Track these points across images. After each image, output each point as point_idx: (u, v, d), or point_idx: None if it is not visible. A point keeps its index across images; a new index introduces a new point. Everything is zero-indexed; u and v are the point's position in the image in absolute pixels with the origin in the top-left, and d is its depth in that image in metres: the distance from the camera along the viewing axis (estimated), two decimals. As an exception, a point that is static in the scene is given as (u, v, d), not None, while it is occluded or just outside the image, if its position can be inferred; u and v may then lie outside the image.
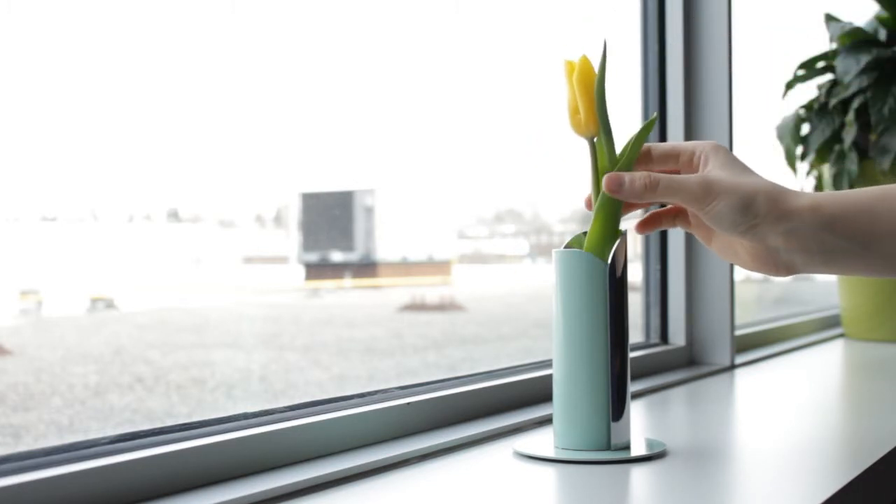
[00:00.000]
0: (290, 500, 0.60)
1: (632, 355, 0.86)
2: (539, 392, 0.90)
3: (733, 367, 1.19)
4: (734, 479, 0.68)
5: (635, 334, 1.21)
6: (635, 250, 1.16)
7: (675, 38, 1.20)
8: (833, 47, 1.52)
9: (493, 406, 0.85)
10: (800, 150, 1.55)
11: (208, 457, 0.61)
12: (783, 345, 1.42)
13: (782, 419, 0.91)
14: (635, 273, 0.87)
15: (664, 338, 1.20)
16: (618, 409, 0.70)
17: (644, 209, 0.83)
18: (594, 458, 0.69)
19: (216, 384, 6.90)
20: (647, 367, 1.11)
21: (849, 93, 1.45)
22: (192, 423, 0.64)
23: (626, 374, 0.71)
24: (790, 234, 0.66)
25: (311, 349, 8.58)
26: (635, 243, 1.19)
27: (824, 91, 1.52)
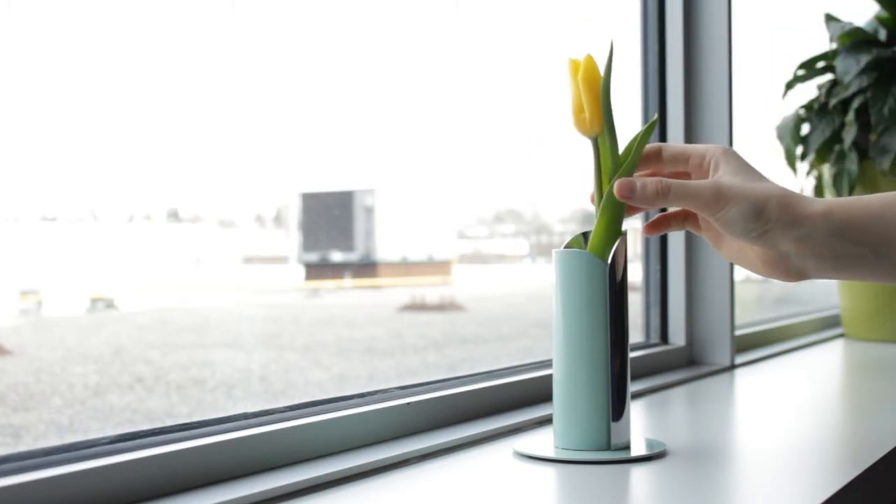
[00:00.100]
0: (290, 500, 0.60)
1: (632, 355, 0.86)
2: (539, 392, 0.90)
3: (733, 367, 1.19)
4: (734, 479, 0.68)
5: (635, 334, 1.21)
6: (635, 250, 1.16)
7: (675, 38, 1.20)
8: (833, 47, 1.52)
9: (493, 406, 0.85)
10: (800, 150, 1.55)
11: (208, 457, 0.61)
12: (783, 345, 1.42)
13: (782, 419, 0.91)
14: (635, 273, 0.87)
15: (664, 338, 1.20)
16: (618, 409, 0.70)
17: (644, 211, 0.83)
18: (594, 458, 0.69)
19: (216, 384, 6.91)
20: (647, 367, 1.11)
21: (849, 93, 1.45)
22: (192, 423, 0.64)
23: (626, 374, 0.71)
24: (802, 239, 0.66)
25: (311, 349, 8.58)
26: (635, 243, 1.19)
27: (824, 91, 1.52)
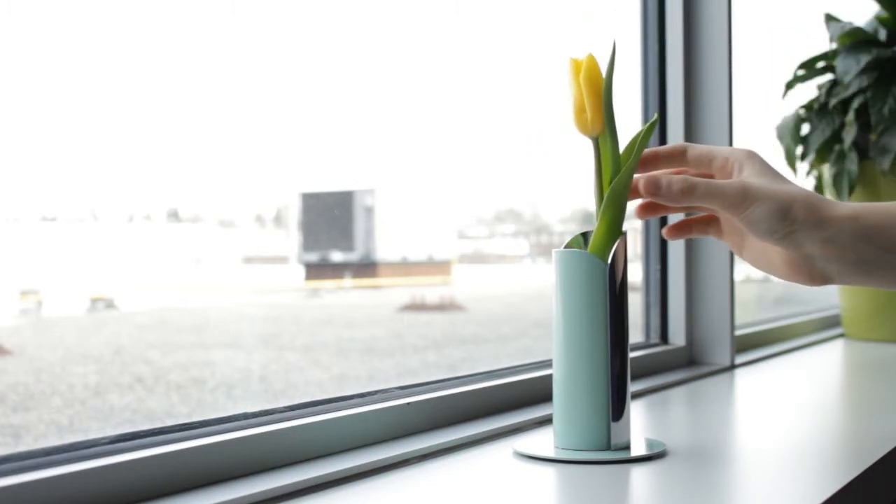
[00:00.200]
0: (290, 500, 0.60)
1: (632, 355, 0.86)
2: (539, 392, 0.90)
3: (733, 367, 1.19)
4: (734, 479, 0.68)
5: (635, 334, 1.21)
6: (635, 250, 1.16)
7: (675, 38, 1.20)
8: (833, 47, 1.52)
9: (493, 406, 0.85)
10: (800, 150, 1.55)
11: (208, 457, 0.61)
12: (783, 345, 1.42)
13: (782, 419, 0.91)
14: (635, 273, 0.87)
15: (664, 338, 1.20)
16: (618, 409, 0.70)
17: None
18: (594, 458, 0.69)
19: (216, 384, 6.90)
20: (647, 367, 1.11)
21: (849, 93, 1.45)
22: (192, 423, 0.64)
23: (626, 374, 0.71)
24: (828, 242, 0.66)
25: (311, 349, 8.58)
26: (635, 243, 1.19)
27: (824, 91, 1.52)
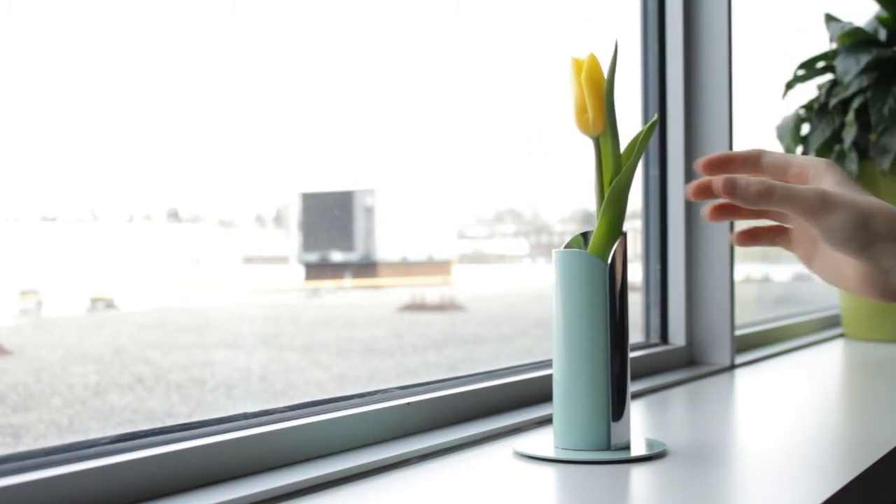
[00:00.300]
0: (290, 500, 0.61)
1: (632, 355, 0.86)
2: (539, 392, 0.90)
3: (733, 367, 1.19)
4: (734, 479, 0.68)
5: (635, 334, 1.21)
6: (635, 250, 1.16)
7: (675, 38, 1.20)
8: (833, 47, 1.52)
9: (493, 406, 0.85)
10: (800, 150, 1.55)
11: (208, 457, 0.61)
12: (783, 345, 1.42)
13: (782, 419, 0.91)
14: (635, 273, 0.87)
15: (664, 338, 1.20)
16: (618, 409, 0.70)
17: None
18: (594, 458, 0.69)
19: (216, 384, 6.90)
20: (647, 367, 1.11)
21: (849, 93, 1.45)
22: (192, 423, 0.64)
23: (626, 374, 0.71)
24: None
25: (311, 349, 8.58)
26: (635, 243, 1.19)
27: (824, 91, 1.52)
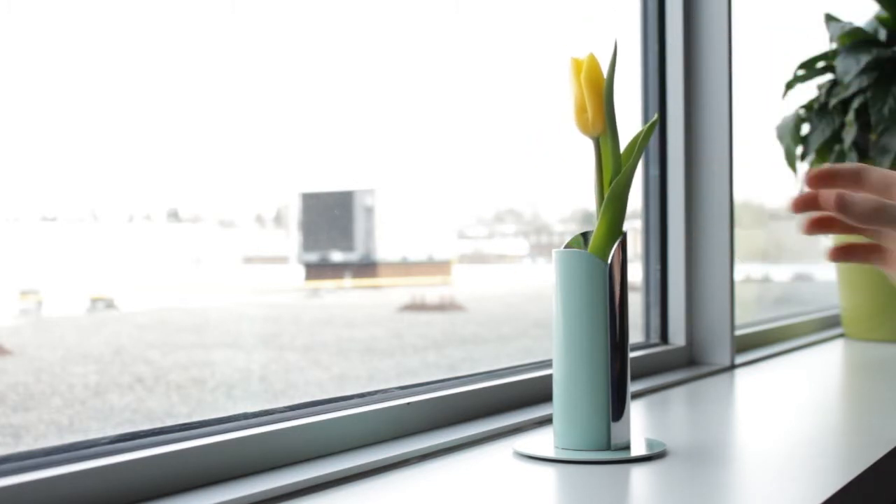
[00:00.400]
0: (290, 500, 0.61)
1: (632, 355, 0.86)
2: (539, 392, 0.90)
3: (733, 367, 1.19)
4: (734, 479, 0.68)
5: (635, 334, 1.21)
6: (635, 250, 1.16)
7: (675, 38, 1.20)
8: (833, 47, 1.52)
9: (493, 406, 0.85)
10: (800, 150, 1.55)
11: (208, 457, 0.61)
12: (783, 345, 1.42)
13: (782, 419, 0.91)
14: (635, 273, 0.87)
15: (664, 338, 1.20)
16: (618, 409, 0.70)
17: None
18: (594, 458, 0.69)
19: (216, 384, 6.90)
20: (647, 367, 1.11)
21: (849, 93, 1.45)
22: (192, 423, 0.64)
23: (626, 374, 0.71)
24: None
25: (311, 349, 8.58)
26: (635, 243, 1.19)
27: (824, 91, 1.52)
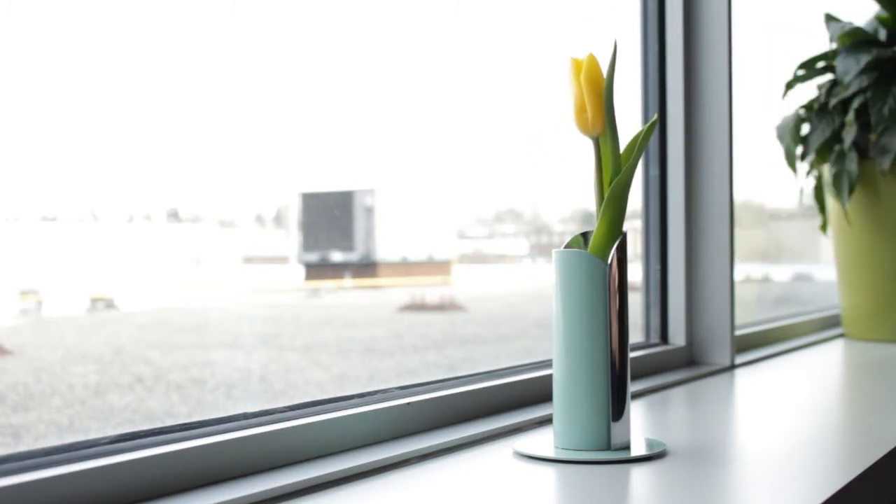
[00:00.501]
0: (290, 500, 0.61)
1: (632, 355, 0.86)
2: (539, 392, 0.90)
3: (733, 367, 1.19)
4: (734, 479, 0.68)
5: (635, 334, 1.21)
6: (635, 250, 1.16)
7: (675, 38, 1.20)
8: (833, 47, 1.52)
9: (493, 406, 0.85)
10: (800, 150, 1.55)
11: (208, 457, 0.61)
12: (783, 345, 1.42)
13: (782, 419, 0.91)
14: (635, 273, 0.87)
15: (664, 338, 1.20)
16: (618, 409, 0.70)
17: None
18: (594, 458, 0.69)
19: (216, 384, 6.90)
20: (647, 367, 1.11)
21: (849, 93, 1.45)
22: (192, 423, 0.64)
23: (626, 374, 0.71)
24: None
25: (311, 349, 8.58)
26: (635, 243, 1.19)
27: (824, 91, 1.52)
